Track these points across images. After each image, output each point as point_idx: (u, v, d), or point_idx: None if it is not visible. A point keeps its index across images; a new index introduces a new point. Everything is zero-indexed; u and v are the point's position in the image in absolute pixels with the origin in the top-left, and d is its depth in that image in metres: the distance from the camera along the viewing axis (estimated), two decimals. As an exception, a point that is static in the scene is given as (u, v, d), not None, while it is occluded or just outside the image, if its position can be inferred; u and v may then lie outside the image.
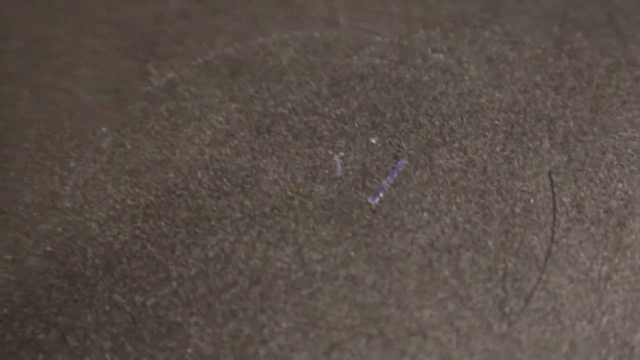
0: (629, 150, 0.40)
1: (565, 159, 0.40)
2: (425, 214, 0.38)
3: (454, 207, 0.38)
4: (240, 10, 0.46)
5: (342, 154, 0.40)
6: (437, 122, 0.41)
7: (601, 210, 0.38)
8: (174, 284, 0.36)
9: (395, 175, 0.39)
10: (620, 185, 0.39)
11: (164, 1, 0.47)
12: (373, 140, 0.41)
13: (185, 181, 0.39)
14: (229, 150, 0.40)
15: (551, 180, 0.39)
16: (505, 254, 0.37)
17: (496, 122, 0.41)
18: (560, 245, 0.37)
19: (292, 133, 0.41)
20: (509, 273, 0.36)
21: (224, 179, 0.39)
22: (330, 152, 0.40)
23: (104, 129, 0.41)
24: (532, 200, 0.38)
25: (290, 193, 0.39)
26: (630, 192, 0.38)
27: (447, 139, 0.41)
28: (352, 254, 0.37)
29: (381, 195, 0.39)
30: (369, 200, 0.39)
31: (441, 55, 0.44)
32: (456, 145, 0.40)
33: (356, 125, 0.41)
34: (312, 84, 0.43)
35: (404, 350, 0.34)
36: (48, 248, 0.37)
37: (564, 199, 0.38)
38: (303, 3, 0.46)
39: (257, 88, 0.43)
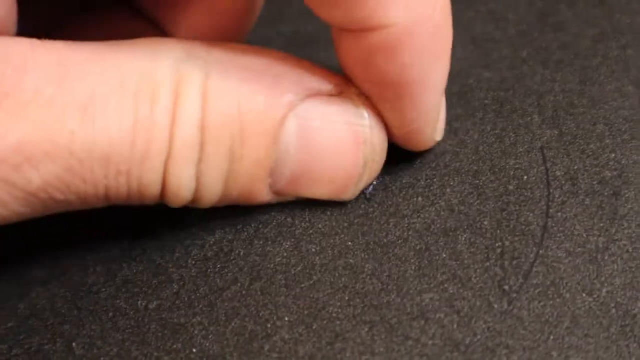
0: (620, 120, 0.40)
1: (556, 133, 0.40)
2: (420, 199, 0.38)
3: (448, 190, 0.38)
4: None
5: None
6: (426, 106, 0.41)
7: (595, 182, 0.38)
8: (176, 286, 0.37)
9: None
10: (613, 155, 0.39)
11: None
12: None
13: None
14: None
15: (543, 155, 0.39)
16: (501, 232, 0.37)
17: (486, 101, 0.41)
18: (556, 220, 0.37)
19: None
20: (507, 251, 0.36)
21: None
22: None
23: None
24: (525, 177, 0.38)
25: (284, 187, 0.39)
26: (623, 162, 0.38)
27: (438, 122, 0.41)
28: (350, 243, 0.37)
29: (375, 183, 0.39)
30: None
31: (427, 39, 0.44)
32: (447, 127, 0.40)
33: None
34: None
35: (407, 335, 0.35)
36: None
37: (558, 173, 0.38)
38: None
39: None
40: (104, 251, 0.38)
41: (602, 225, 0.36)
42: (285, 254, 0.37)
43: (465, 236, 0.37)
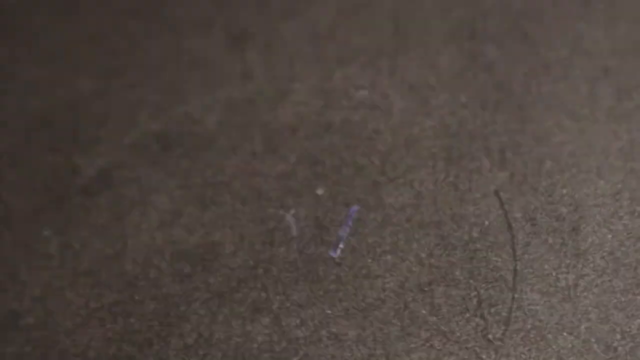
0: (565, 155, 0.41)
1: (507, 174, 0.41)
2: (389, 257, 0.38)
3: (414, 244, 0.39)
4: (155, 80, 0.45)
5: (293, 211, 0.40)
6: (376, 161, 0.42)
7: (553, 219, 0.39)
8: (160, 380, 0.36)
9: (350, 222, 0.40)
10: (564, 190, 0.40)
11: (71, 85, 0.45)
12: (319, 192, 0.41)
13: (144, 271, 0.39)
14: (179, 230, 0.40)
15: (499, 198, 0.40)
16: (474, 281, 0.37)
17: (433, 149, 0.42)
18: (524, 262, 0.38)
19: (239, 199, 0.41)
20: (483, 299, 0.37)
21: (183, 261, 0.39)
22: (281, 211, 0.40)
23: (47, 233, 0.40)
24: (486, 222, 0.39)
25: (251, 262, 0.39)
26: (576, 196, 0.40)
27: (391, 176, 0.41)
28: (329, 311, 0.37)
29: (341, 246, 0.39)
30: (331, 253, 0.39)
31: (365, 92, 0.44)
32: (401, 180, 0.41)
33: (299, 179, 0.41)
34: (245, 144, 0.43)
35: (401, 397, 0.35)
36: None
37: (516, 215, 0.39)
38: (214, 61, 0.46)
39: (192, 159, 0.42)
40: (78, 355, 0.36)
41: (568, 261, 0.38)
42: (266, 331, 0.37)
43: (440, 289, 0.37)
